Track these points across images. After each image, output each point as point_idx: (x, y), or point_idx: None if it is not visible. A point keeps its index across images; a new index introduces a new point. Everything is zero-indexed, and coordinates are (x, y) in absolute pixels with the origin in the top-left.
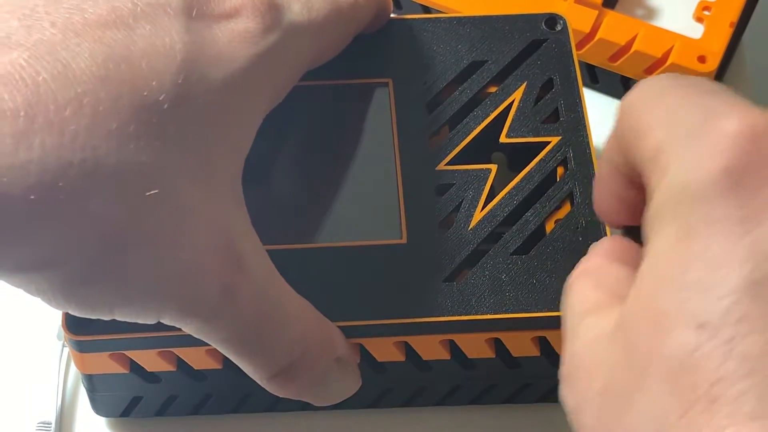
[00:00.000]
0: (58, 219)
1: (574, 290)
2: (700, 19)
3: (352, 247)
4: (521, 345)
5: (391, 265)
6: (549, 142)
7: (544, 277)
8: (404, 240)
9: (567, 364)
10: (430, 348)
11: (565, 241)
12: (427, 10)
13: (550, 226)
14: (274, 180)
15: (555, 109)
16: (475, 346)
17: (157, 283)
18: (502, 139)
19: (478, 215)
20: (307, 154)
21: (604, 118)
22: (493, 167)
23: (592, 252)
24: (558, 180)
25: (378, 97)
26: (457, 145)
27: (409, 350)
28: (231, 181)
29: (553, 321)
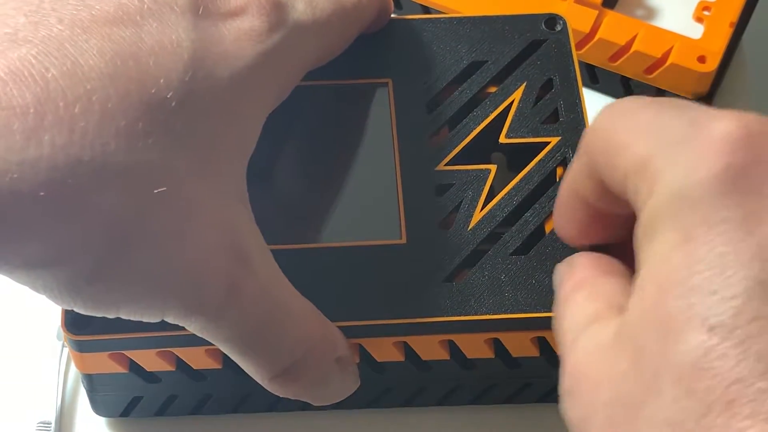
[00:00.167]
0: (67, 216)
1: (569, 304)
2: (700, 19)
3: (352, 247)
4: (521, 345)
5: (391, 265)
6: (549, 143)
7: (544, 278)
8: (404, 240)
9: (568, 378)
10: (430, 348)
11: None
12: (427, 10)
13: (549, 227)
14: (273, 180)
15: (555, 110)
16: (475, 347)
17: (162, 281)
18: (502, 140)
19: (477, 215)
20: (307, 154)
21: None
22: (493, 167)
23: (575, 267)
24: (558, 180)
25: (378, 97)
26: (457, 146)
27: (408, 350)
28: (236, 179)
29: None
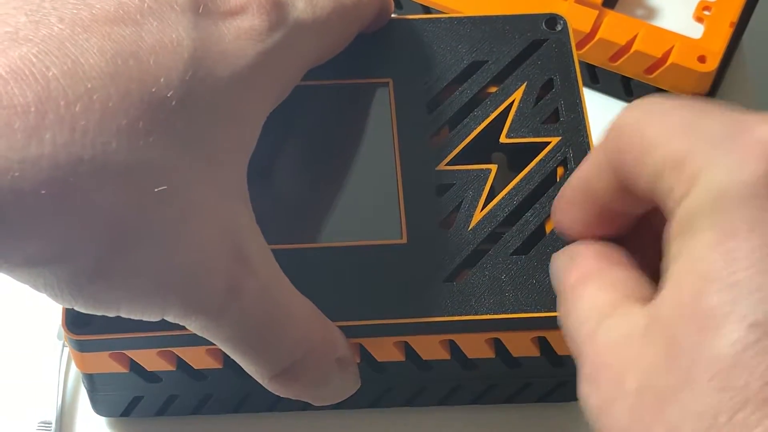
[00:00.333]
0: (68, 214)
1: (582, 295)
2: (700, 19)
3: (352, 247)
4: (521, 345)
5: (391, 265)
6: (549, 143)
7: (544, 277)
8: (404, 240)
9: (589, 366)
10: (430, 348)
11: (565, 241)
12: (427, 10)
13: (550, 227)
14: (273, 180)
15: (555, 110)
16: (475, 346)
17: (163, 280)
18: (503, 139)
19: (478, 215)
20: (308, 153)
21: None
22: (493, 167)
23: (578, 258)
24: (558, 180)
25: (378, 97)
26: (458, 145)
27: (409, 350)
28: (237, 179)
29: (553, 321)
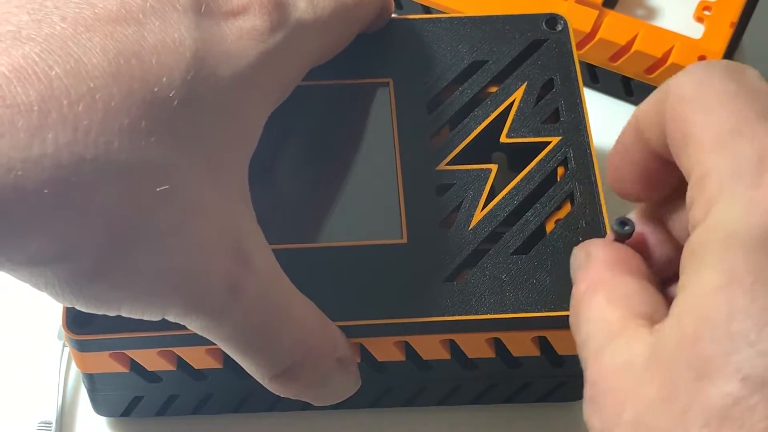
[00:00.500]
0: (71, 213)
1: (590, 307)
2: (700, 19)
3: (352, 247)
4: (521, 345)
5: (392, 265)
6: (549, 142)
7: (544, 277)
8: (404, 240)
9: (592, 387)
10: (430, 348)
11: (565, 241)
12: (427, 10)
13: (550, 226)
14: (274, 180)
15: (555, 109)
16: (476, 346)
17: (164, 279)
18: (503, 139)
19: (478, 215)
20: (308, 153)
21: (605, 118)
22: (494, 167)
23: (591, 261)
24: (558, 180)
25: (378, 97)
26: (458, 145)
27: (409, 350)
28: (238, 178)
29: (553, 321)
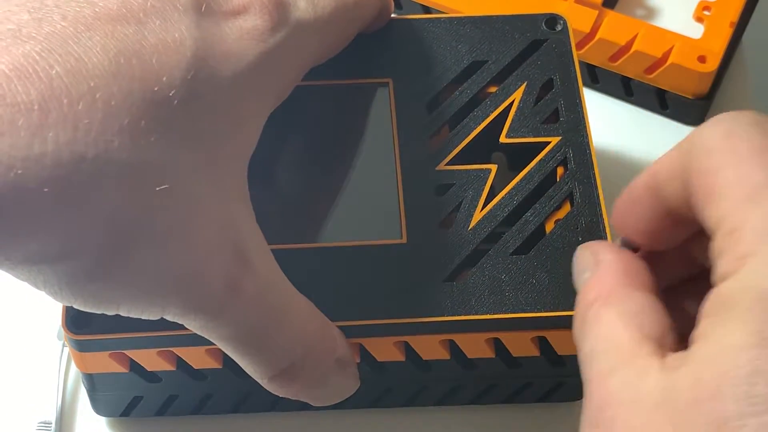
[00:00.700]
0: (70, 212)
1: (598, 322)
2: (700, 19)
3: (352, 247)
4: (521, 345)
5: (391, 265)
6: (549, 142)
7: (544, 277)
8: (404, 240)
9: (595, 412)
10: (430, 348)
11: (565, 241)
12: (427, 10)
13: (550, 226)
14: (274, 180)
15: (555, 109)
16: (475, 346)
17: (163, 278)
18: (502, 139)
19: (478, 215)
20: (308, 154)
21: (604, 118)
22: (493, 167)
23: (601, 268)
24: (558, 180)
25: (378, 97)
26: (457, 145)
27: (409, 350)
28: (238, 178)
29: (552, 321)
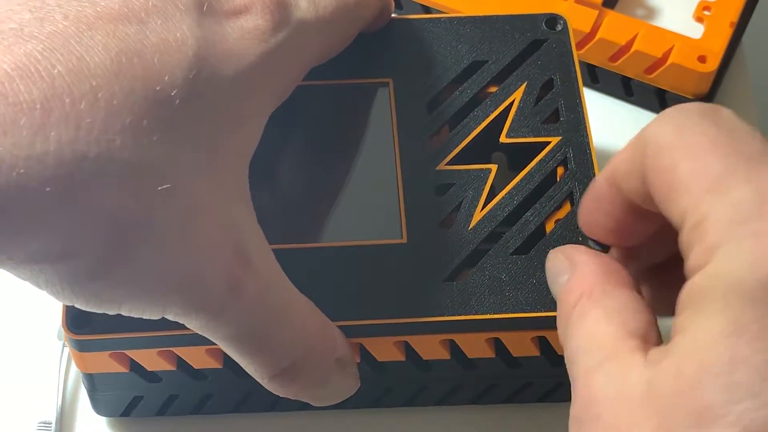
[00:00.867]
0: (72, 211)
1: (582, 320)
2: (700, 19)
3: (352, 247)
4: (521, 345)
5: (391, 265)
6: (549, 142)
7: (544, 277)
8: (404, 240)
9: (582, 409)
10: (430, 348)
11: (565, 241)
12: (427, 10)
13: (550, 226)
14: (274, 180)
15: (555, 109)
16: (475, 346)
17: (164, 278)
18: (503, 139)
19: (478, 215)
20: (307, 154)
21: (605, 118)
22: (493, 167)
23: (579, 269)
24: (558, 180)
25: (378, 97)
26: (458, 145)
27: (409, 350)
28: (239, 178)
29: (552, 321)
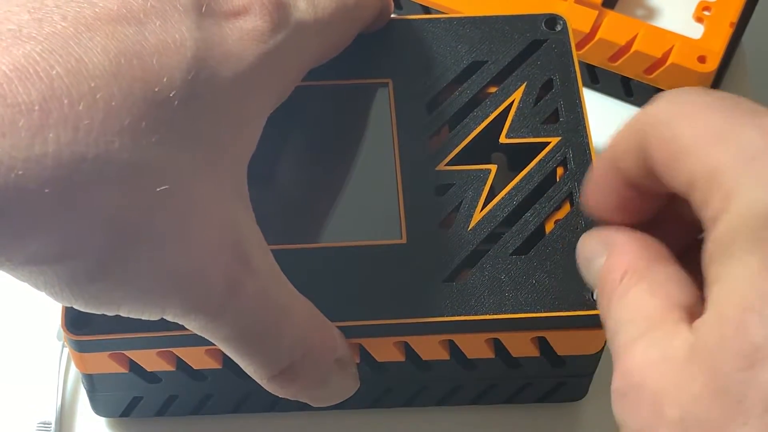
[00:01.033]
0: (71, 213)
1: (626, 294)
2: (700, 19)
3: (352, 247)
4: (521, 345)
5: (391, 265)
6: (549, 143)
7: (544, 278)
8: (404, 240)
9: (622, 380)
10: (430, 348)
11: (565, 241)
12: (427, 10)
13: (549, 227)
14: (273, 180)
15: (555, 110)
16: (475, 347)
17: (163, 279)
18: (502, 140)
19: (477, 215)
20: (307, 154)
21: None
22: (493, 167)
23: (618, 248)
24: (558, 180)
25: (378, 97)
26: (457, 145)
27: (408, 350)
28: (238, 179)
29: (552, 321)
